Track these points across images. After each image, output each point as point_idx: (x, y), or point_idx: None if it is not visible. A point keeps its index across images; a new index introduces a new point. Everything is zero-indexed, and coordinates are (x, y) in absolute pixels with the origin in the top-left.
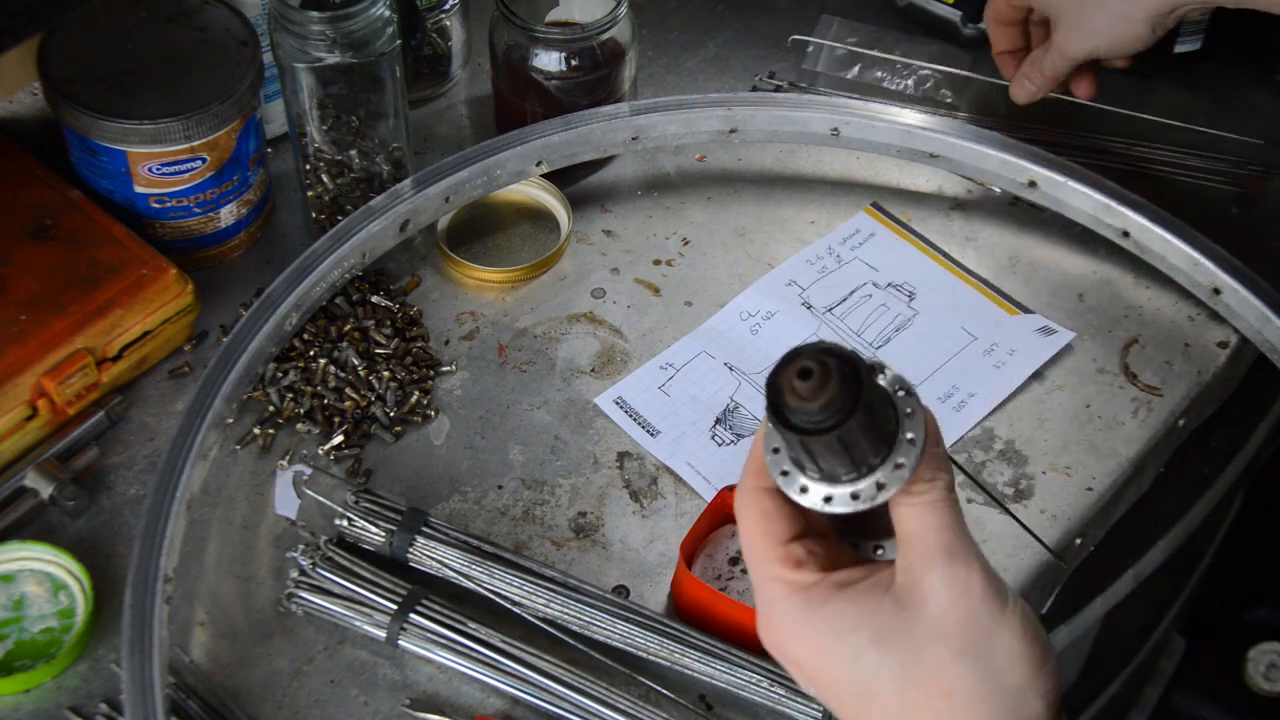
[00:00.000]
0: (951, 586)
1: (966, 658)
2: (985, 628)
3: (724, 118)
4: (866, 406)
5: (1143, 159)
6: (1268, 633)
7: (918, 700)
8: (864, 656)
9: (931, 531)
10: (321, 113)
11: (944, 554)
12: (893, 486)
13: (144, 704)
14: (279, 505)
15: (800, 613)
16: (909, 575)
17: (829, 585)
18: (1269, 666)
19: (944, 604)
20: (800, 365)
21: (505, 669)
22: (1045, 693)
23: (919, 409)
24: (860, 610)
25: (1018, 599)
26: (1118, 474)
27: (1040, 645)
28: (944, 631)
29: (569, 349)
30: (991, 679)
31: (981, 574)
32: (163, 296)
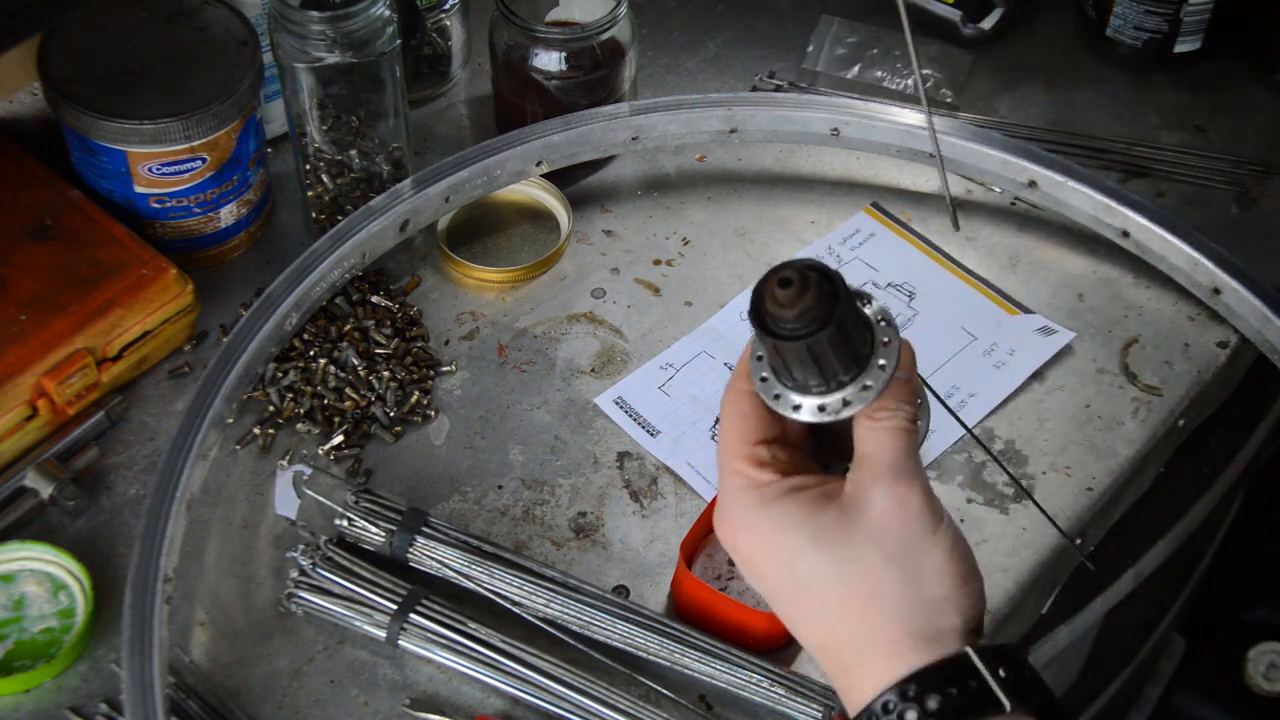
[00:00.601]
0: (891, 500)
1: (895, 564)
2: (916, 541)
3: (724, 118)
4: (839, 323)
5: (1143, 159)
6: (1268, 633)
7: (845, 597)
8: (802, 552)
9: (885, 452)
10: (321, 113)
11: (890, 472)
12: (857, 405)
13: (144, 704)
14: (279, 505)
15: (752, 507)
16: (857, 488)
17: (783, 487)
18: (1269, 666)
19: (882, 514)
20: (782, 275)
21: (505, 669)
22: (964, 610)
23: (896, 339)
24: (805, 512)
25: (952, 523)
26: (1118, 474)
27: (966, 565)
28: (877, 539)
29: (569, 349)
30: (915, 587)
31: (922, 494)
32: (163, 296)
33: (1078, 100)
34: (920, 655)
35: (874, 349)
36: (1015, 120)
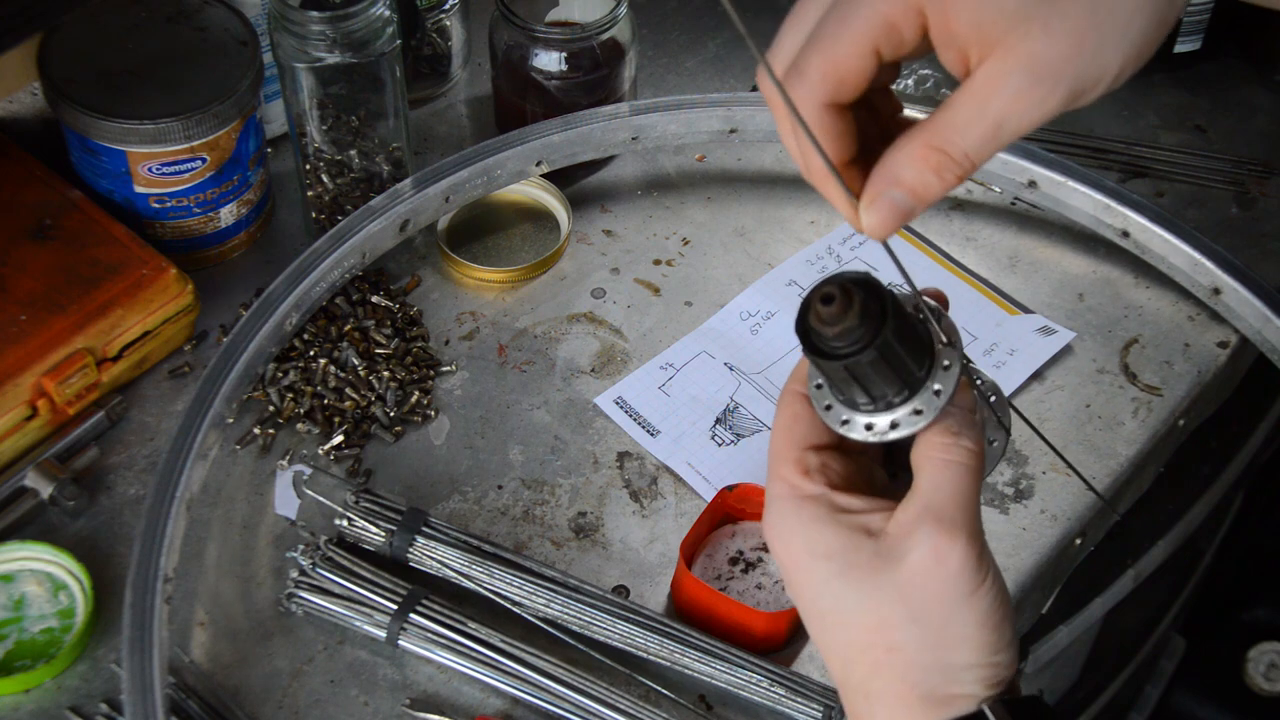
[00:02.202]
0: (928, 554)
1: (918, 624)
2: (947, 604)
3: (724, 118)
4: (883, 345)
5: (1143, 159)
6: (1268, 633)
7: (863, 644)
8: (829, 586)
9: (934, 491)
10: (321, 113)
11: (934, 518)
12: (905, 428)
13: (144, 704)
14: (279, 505)
15: (791, 519)
16: (900, 527)
17: (826, 504)
18: (1269, 666)
19: (916, 567)
20: (825, 290)
21: (505, 669)
22: (987, 679)
23: (957, 364)
24: (841, 542)
25: (995, 582)
26: (1118, 474)
27: (998, 634)
28: (906, 593)
29: (569, 349)
30: (935, 651)
31: (964, 551)
32: (163, 296)
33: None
34: (928, 717)
35: (931, 372)
36: None
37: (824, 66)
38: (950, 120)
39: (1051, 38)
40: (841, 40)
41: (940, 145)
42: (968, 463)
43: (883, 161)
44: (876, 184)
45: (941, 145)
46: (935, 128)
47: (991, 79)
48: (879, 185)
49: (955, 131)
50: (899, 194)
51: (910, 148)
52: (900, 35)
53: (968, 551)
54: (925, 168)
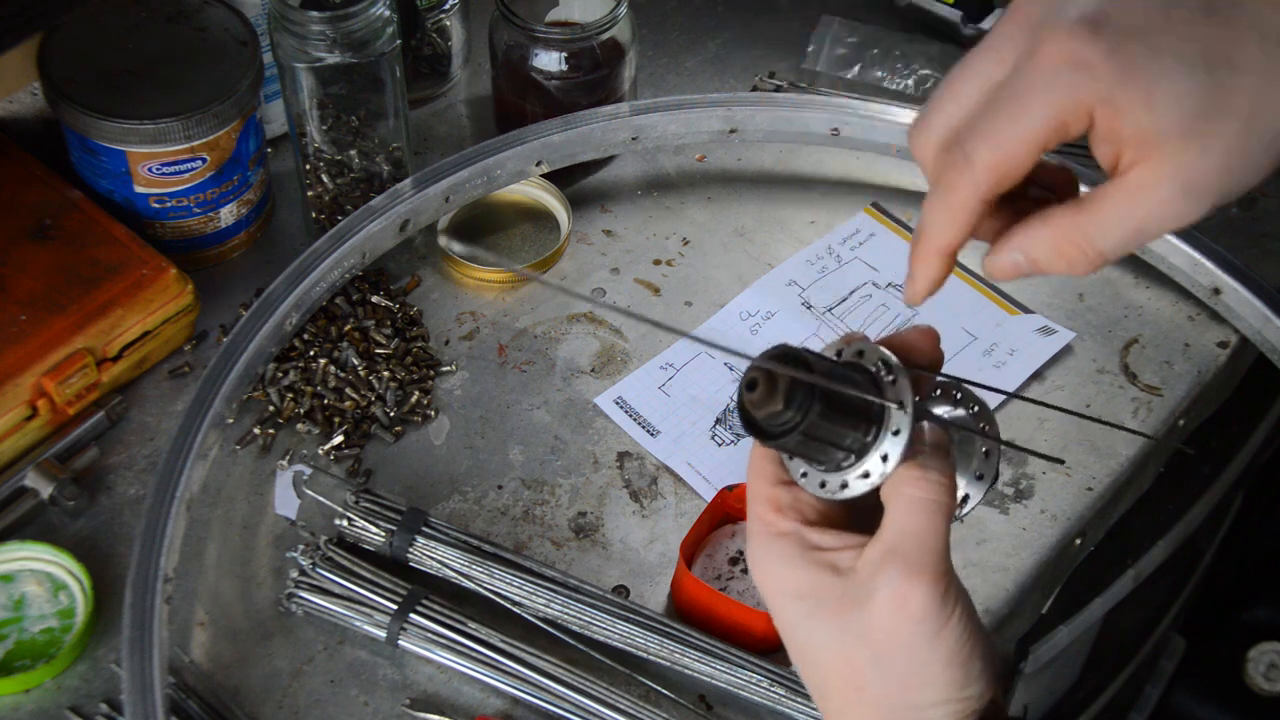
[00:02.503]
0: (891, 598)
1: (882, 667)
2: (911, 645)
3: (724, 118)
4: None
5: None
6: (1268, 633)
7: (833, 682)
8: (801, 623)
9: (898, 532)
10: (321, 113)
11: (898, 560)
12: (856, 489)
13: (144, 704)
14: (279, 505)
15: (765, 555)
16: (866, 567)
17: (797, 541)
18: (1269, 666)
19: (880, 611)
20: (749, 375)
21: (505, 669)
22: (956, 712)
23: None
24: (810, 583)
25: (964, 618)
26: (1118, 474)
27: (967, 670)
28: (869, 636)
29: (569, 349)
30: (901, 692)
31: (926, 592)
32: (163, 296)
33: None
34: None
35: (879, 436)
36: None
37: (993, 160)
38: (1095, 217)
39: (1207, 156)
40: (1014, 138)
41: (1079, 241)
42: (935, 498)
43: (1023, 230)
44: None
45: (1080, 241)
46: (1080, 222)
47: (1143, 186)
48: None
49: (1098, 230)
50: (1024, 262)
51: (1052, 234)
52: (1067, 132)
53: (930, 593)
54: (1059, 256)
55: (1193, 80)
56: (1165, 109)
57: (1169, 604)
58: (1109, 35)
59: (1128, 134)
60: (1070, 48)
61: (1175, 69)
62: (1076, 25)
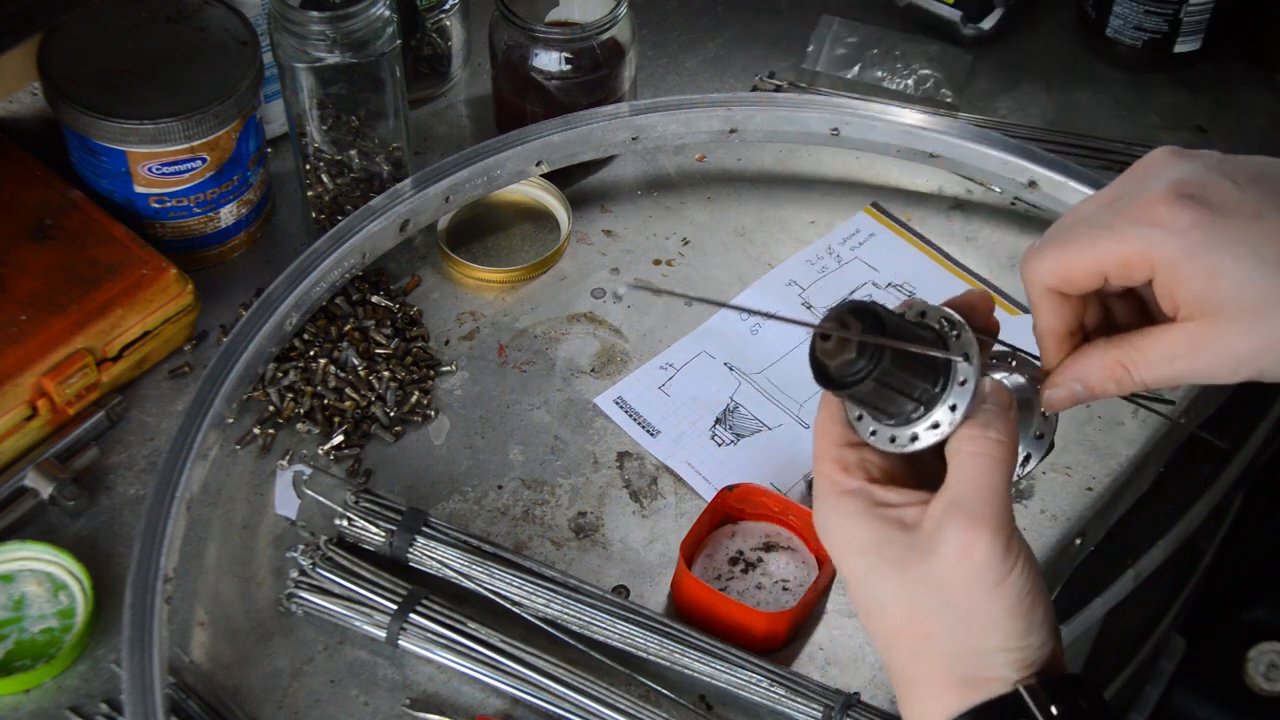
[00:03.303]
0: (956, 546)
1: (949, 612)
2: (975, 593)
3: (724, 118)
4: (885, 374)
5: None
6: (1268, 633)
7: (901, 632)
8: (868, 578)
9: (963, 485)
10: (321, 113)
11: (960, 511)
12: (925, 440)
13: (144, 704)
14: (279, 505)
15: (833, 515)
16: (931, 521)
17: (864, 498)
18: (1269, 666)
19: (945, 560)
20: (824, 326)
21: (505, 669)
22: (1018, 661)
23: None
24: (878, 538)
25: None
26: (1118, 474)
27: (1027, 619)
28: (937, 585)
29: (569, 349)
30: (967, 638)
31: (989, 541)
32: (163, 296)
33: (1078, 100)
34: (964, 700)
35: (947, 386)
36: (1015, 120)
37: (1054, 265)
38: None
39: (1253, 335)
40: (1079, 255)
41: (1128, 366)
42: (995, 454)
43: (1079, 357)
44: (1066, 372)
45: (1129, 367)
46: (1130, 351)
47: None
48: (1067, 374)
49: (1145, 363)
50: (1080, 388)
51: (1103, 358)
52: (1130, 274)
53: (993, 543)
54: (1108, 377)
55: (1260, 275)
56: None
57: (1169, 604)
58: (1195, 209)
59: (1184, 298)
60: (1156, 209)
61: (1248, 260)
62: (1170, 192)
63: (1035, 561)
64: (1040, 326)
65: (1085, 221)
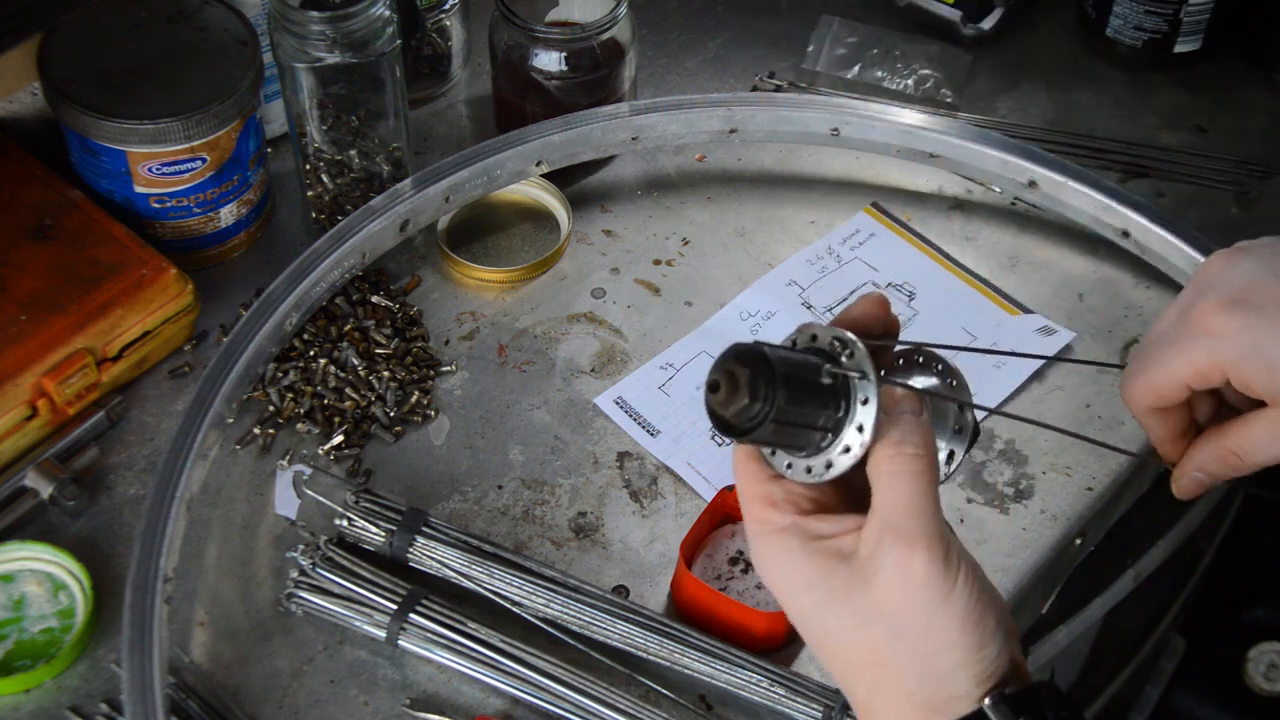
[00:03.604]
0: (894, 568)
1: (900, 639)
2: (922, 613)
3: (724, 118)
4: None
5: (1143, 159)
6: (1268, 633)
7: (855, 665)
8: (814, 614)
9: (889, 507)
10: (321, 113)
11: (893, 532)
12: (839, 467)
13: (144, 704)
14: (279, 505)
15: (769, 552)
16: (867, 547)
17: (798, 534)
18: (1269, 666)
19: (887, 584)
20: (711, 378)
21: (505, 669)
22: (978, 675)
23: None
24: (817, 571)
25: (970, 579)
26: (1118, 474)
27: (980, 631)
28: (883, 612)
29: (569, 349)
30: (922, 661)
31: (926, 558)
32: (163, 296)
33: (1078, 100)
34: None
35: (849, 410)
36: (1015, 120)
37: (1144, 388)
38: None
39: None
40: (1160, 377)
41: (1236, 452)
42: (915, 468)
43: (1198, 447)
44: (1189, 464)
45: (1237, 453)
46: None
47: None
48: (1189, 465)
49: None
50: (1202, 476)
51: (1216, 449)
52: (1207, 380)
53: (930, 558)
54: (1224, 465)
55: None
56: None
57: (1169, 604)
58: (1243, 314)
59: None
60: (1210, 320)
61: None
62: (1219, 302)
63: (979, 568)
64: (1154, 437)
65: (1158, 341)
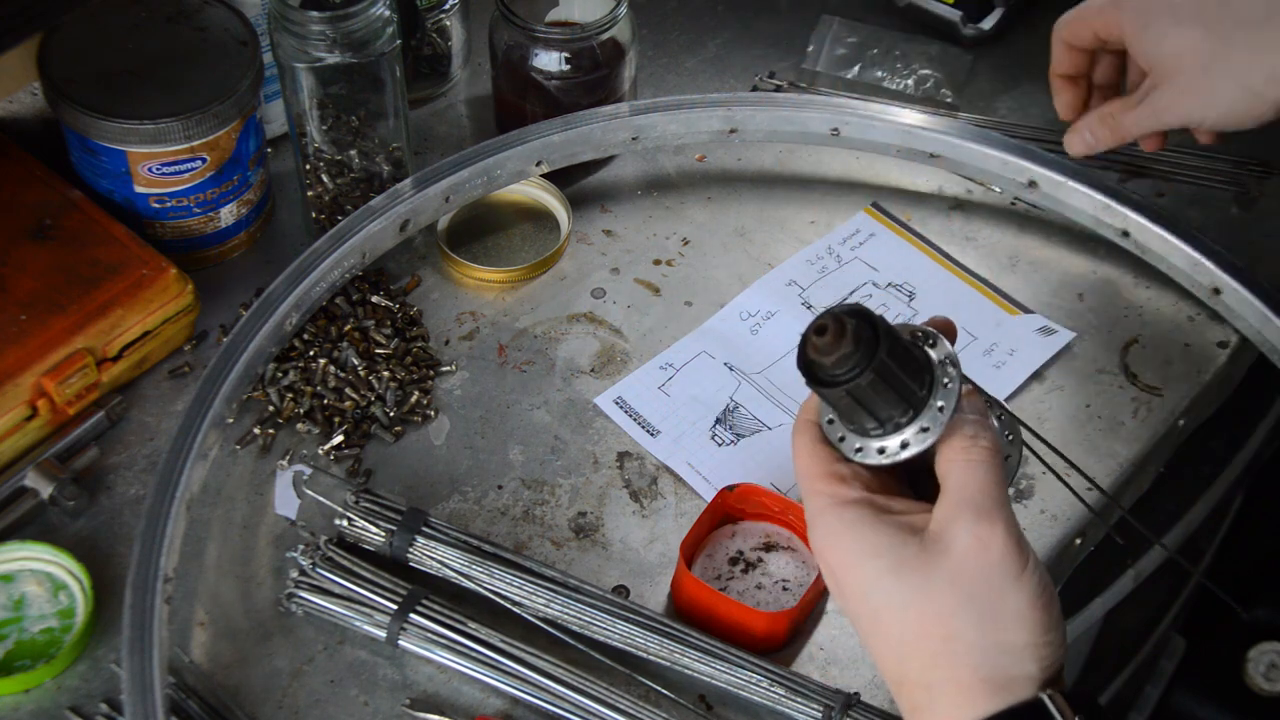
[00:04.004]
0: (973, 540)
1: (973, 607)
2: (998, 585)
3: (724, 118)
4: (880, 368)
5: (1143, 159)
6: (1268, 633)
7: (919, 635)
8: (881, 581)
9: (966, 488)
10: (321, 113)
11: (972, 509)
12: (915, 447)
13: (144, 704)
14: (279, 505)
15: (837, 525)
16: (939, 524)
17: (869, 506)
18: (1269, 666)
19: (963, 554)
20: (819, 322)
21: (505, 669)
22: (1043, 659)
23: (957, 382)
24: (888, 541)
25: (1038, 567)
26: (1118, 474)
27: (1049, 614)
28: (957, 579)
29: (569, 349)
30: (992, 633)
31: (1005, 534)
32: (163, 296)
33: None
34: (991, 702)
35: (932, 390)
36: (1015, 120)
37: (1063, 20)
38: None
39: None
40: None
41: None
42: (989, 460)
43: (1089, 112)
44: (1080, 123)
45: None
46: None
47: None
48: (1080, 124)
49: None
50: (1088, 135)
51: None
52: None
53: (1008, 536)
54: (1104, 126)
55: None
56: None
57: (1169, 604)
58: None
59: (1137, 51)
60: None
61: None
62: None
63: (1044, 566)
64: (1052, 70)
65: None
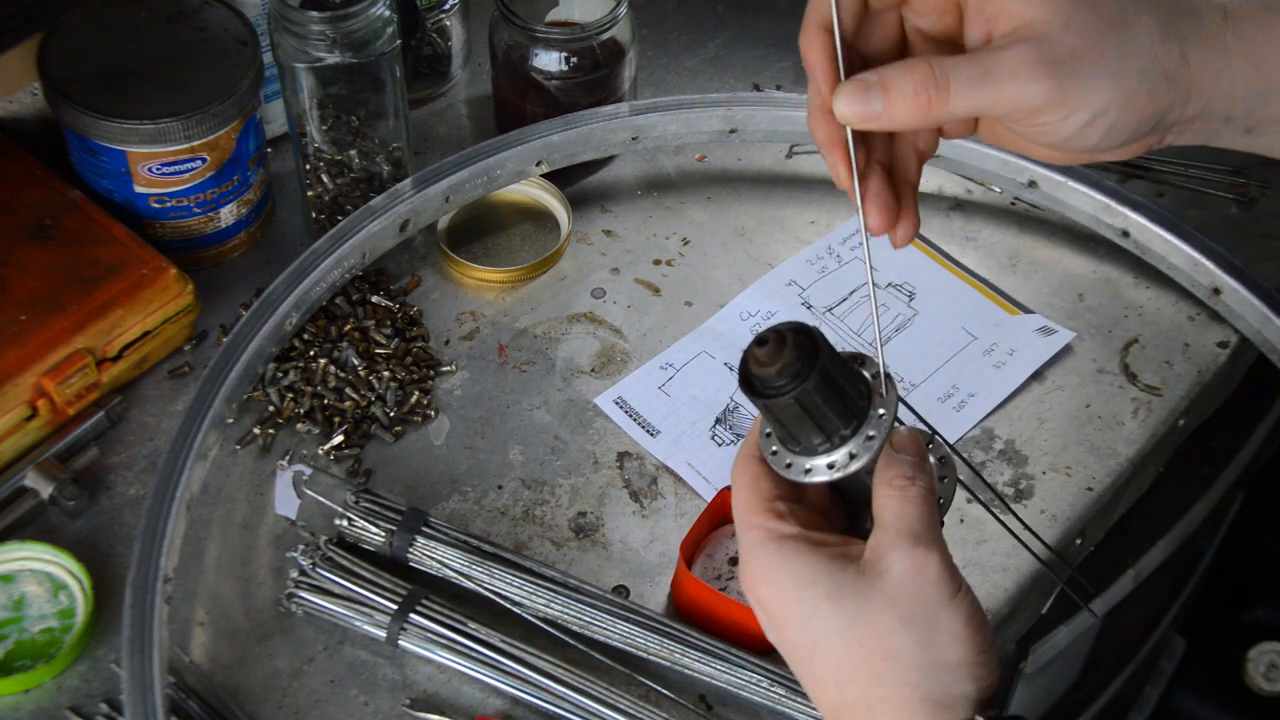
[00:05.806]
0: (909, 564)
1: (911, 628)
2: (933, 606)
3: (724, 118)
4: (822, 373)
5: (1143, 159)
6: (1268, 633)
7: (859, 658)
8: (819, 609)
9: (905, 519)
10: (321, 113)
11: (908, 537)
12: (864, 456)
13: (144, 704)
14: (279, 505)
15: (773, 558)
16: (875, 551)
17: (804, 540)
18: (1269, 666)
19: (901, 577)
20: (759, 336)
21: (505, 669)
22: (978, 678)
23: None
24: (825, 568)
25: (969, 592)
26: (1118, 474)
27: (982, 634)
28: (895, 601)
29: (569, 349)
30: (929, 651)
31: (940, 559)
32: (163, 296)
33: None
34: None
35: (871, 400)
36: None
37: None
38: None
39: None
40: None
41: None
42: (926, 495)
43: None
44: (864, 74)
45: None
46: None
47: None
48: (865, 74)
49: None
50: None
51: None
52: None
53: (943, 561)
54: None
55: None
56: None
57: (1169, 604)
58: None
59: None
60: None
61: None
62: None
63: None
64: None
65: None
